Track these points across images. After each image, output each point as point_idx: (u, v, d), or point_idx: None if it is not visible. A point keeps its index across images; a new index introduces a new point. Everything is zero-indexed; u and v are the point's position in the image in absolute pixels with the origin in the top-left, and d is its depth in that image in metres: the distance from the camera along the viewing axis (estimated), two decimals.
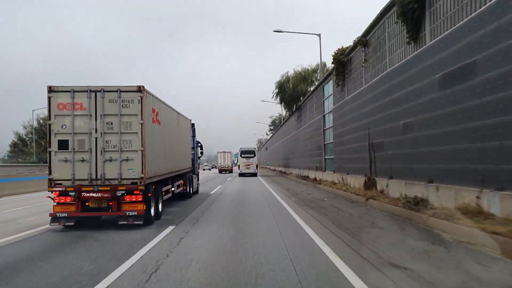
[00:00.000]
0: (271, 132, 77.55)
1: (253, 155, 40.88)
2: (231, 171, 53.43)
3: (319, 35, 27.64)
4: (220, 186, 24.96)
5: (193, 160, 17.60)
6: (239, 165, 41.37)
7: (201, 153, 20.47)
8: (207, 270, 5.45)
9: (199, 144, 19.69)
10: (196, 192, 18.59)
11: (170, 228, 8.99)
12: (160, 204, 10.74)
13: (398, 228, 8.39)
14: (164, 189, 11.62)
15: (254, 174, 40.04)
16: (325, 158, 24.26)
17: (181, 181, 14.77)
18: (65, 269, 5.63)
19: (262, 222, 9.61)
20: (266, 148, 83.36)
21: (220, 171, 54.22)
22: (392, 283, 4.72)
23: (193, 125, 17.86)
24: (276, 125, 69.30)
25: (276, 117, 71.55)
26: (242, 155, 40.88)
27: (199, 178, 20.27)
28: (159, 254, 6.42)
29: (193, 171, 17.71)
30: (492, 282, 4.79)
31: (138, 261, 6.00)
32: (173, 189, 13.11)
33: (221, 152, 54.51)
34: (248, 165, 40.05)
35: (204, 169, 77.89)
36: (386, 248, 6.45)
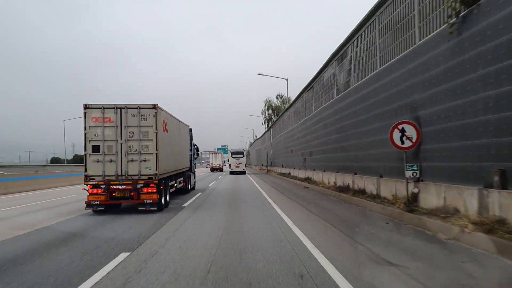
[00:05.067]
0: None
1: (242, 156, 46.96)
2: (222, 170, 56.91)
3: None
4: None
5: (190, 160, 20.37)
6: (230, 164, 47.18)
7: (197, 154, 23.37)
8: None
9: (196, 146, 22.52)
10: (193, 188, 21.42)
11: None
12: (168, 195, 13.56)
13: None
14: (170, 183, 14.42)
15: (243, 172, 45.74)
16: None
17: (182, 178, 17.58)
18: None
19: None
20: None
21: (212, 170, 57.63)
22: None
23: (190, 130, 20.66)
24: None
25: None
26: (233, 156, 46.98)
27: (195, 176, 23.16)
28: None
29: (191, 169, 20.53)
30: None
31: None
32: (175, 184, 15.92)
33: (212, 153, 59.60)
34: (238, 164, 46.01)
35: (207, 167, 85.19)
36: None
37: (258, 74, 40.91)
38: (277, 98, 60.75)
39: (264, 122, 62.90)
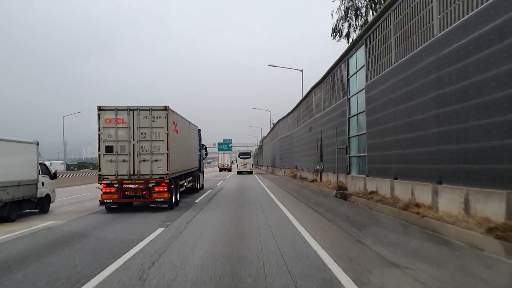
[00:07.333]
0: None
1: (249, 156, 48.90)
2: (230, 170, 57.59)
3: None
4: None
5: (199, 160, 20.77)
6: (237, 165, 48.98)
7: (206, 154, 23.81)
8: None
9: (204, 147, 22.95)
10: (202, 187, 21.81)
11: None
12: (178, 194, 13.95)
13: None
14: (180, 183, 14.82)
15: (250, 172, 47.13)
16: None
17: (191, 178, 17.98)
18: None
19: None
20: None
21: (220, 169, 58.30)
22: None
23: (199, 130, 21.05)
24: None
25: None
26: (240, 156, 48.78)
27: (204, 175, 23.59)
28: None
29: (200, 169, 20.93)
30: None
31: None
32: (185, 183, 16.32)
33: (221, 153, 60.55)
34: (245, 164, 47.58)
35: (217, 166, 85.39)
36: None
37: None
38: None
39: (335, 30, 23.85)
